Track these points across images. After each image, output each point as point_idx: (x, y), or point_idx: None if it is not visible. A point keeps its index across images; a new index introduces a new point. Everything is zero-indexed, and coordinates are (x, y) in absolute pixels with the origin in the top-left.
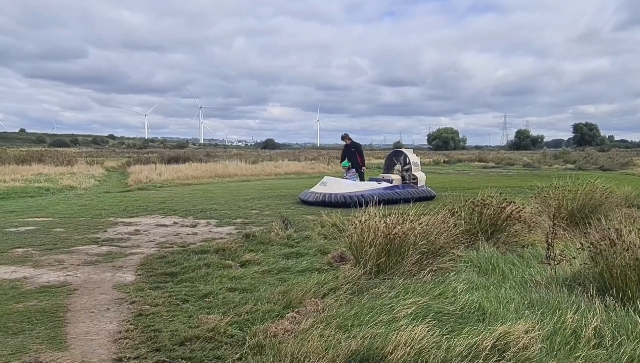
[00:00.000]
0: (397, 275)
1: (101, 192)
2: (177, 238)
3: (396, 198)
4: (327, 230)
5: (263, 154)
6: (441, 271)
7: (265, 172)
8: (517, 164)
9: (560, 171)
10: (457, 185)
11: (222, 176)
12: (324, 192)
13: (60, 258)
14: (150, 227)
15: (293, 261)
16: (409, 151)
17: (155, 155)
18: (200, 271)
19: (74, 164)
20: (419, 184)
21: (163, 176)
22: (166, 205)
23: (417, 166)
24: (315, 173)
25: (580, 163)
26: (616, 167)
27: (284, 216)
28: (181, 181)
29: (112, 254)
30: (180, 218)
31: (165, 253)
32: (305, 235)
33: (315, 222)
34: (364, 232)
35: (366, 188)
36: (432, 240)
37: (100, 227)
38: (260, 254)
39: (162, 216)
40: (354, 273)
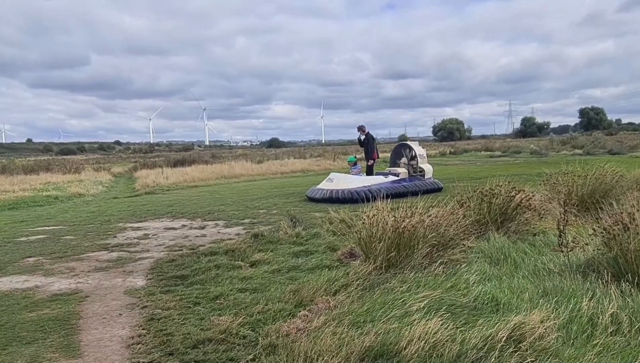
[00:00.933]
0: (407, 269)
1: (109, 198)
2: (186, 241)
3: (403, 191)
4: (335, 226)
5: (268, 153)
6: (452, 263)
7: (271, 171)
8: (524, 151)
9: (568, 156)
10: (464, 175)
11: (229, 177)
12: (330, 188)
13: (71, 266)
14: (159, 231)
15: (303, 259)
16: (415, 144)
17: (162, 159)
18: (210, 273)
19: (81, 171)
20: (425, 177)
21: (170, 179)
22: (174, 208)
23: (423, 159)
24: (321, 170)
25: (588, 147)
26: (625, 150)
27: (291, 215)
28: (188, 184)
29: (122, 259)
30: (188, 221)
31: (175, 256)
32: (314, 233)
33: (324, 219)
34: (372, 227)
35: (373, 182)
36: (442, 232)
37: (109, 233)
38: (270, 253)
39: (170, 219)
40: (364, 268)
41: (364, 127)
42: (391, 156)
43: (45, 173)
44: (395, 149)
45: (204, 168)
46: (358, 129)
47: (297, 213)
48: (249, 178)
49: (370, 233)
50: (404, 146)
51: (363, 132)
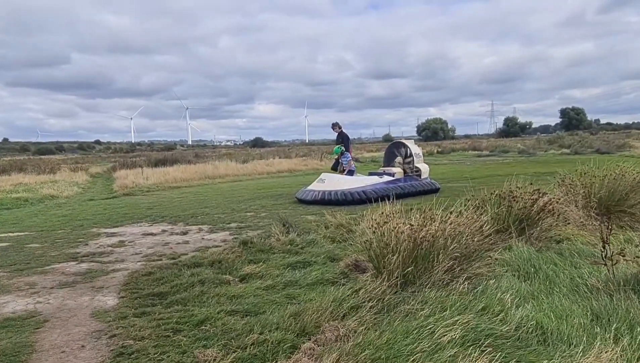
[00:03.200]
0: (427, 286)
1: (84, 200)
2: (166, 249)
3: (399, 192)
4: (332, 231)
5: (253, 152)
6: (477, 278)
7: (257, 171)
8: (512, 151)
9: (557, 156)
10: (457, 175)
11: (213, 177)
12: (322, 190)
13: (32, 281)
14: (137, 237)
15: (300, 272)
16: (410, 143)
17: (142, 158)
18: (193, 290)
19: (57, 171)
20: (422, 177)
21: (150, 180)
22: (154, 211)
23: (419, 158)
24: (309, 170)
25: (576, 147)
26: (613, 149)
27: (283, 219)
28: (169, 185)
29: (92, 272)
30: (169, 225)
31: (153, 268)
32: (310, 239)
33: (318, 223)
34: (383, 236)
35: (367, 183)
36: (465, 242)
37: (81, 240)
38: (262, 265)
39: (149, 223)
40: (377, 286)
41: (338, 124)
42: (385, 155)
43: (17, 173)
44: (390, 148)
45: (186, 168)
46: (333, 127)
47: (288, 216)
48: (234, 178)
49: (382, 243)
50: (399, 144)
51: (338, 129)
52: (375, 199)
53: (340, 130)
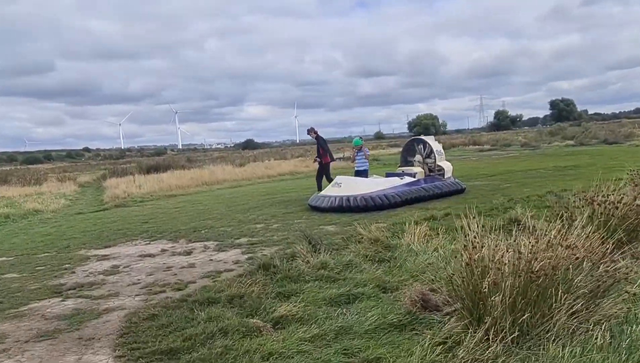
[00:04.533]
0: (548, 338)
1: (72, 214)
2: (169, 276)
3: (423, 195)
4: (366, 248)
5: (246, 155)
6: (610, 322)
7: (257, 174)
8: (514, 144)
9: (563, 148)
10: (473, 173)
11: (210, 184)
12: (339, 195)
13: (2, 331)
14: (133, 260)
15: (350, 312)
16: (430, 138)
17: (133, 165)
18: (214, 345)
19: (43, 182)
20: (445, 176)
21: (143, 188)
22: (150, 226)
23: (441, 155)
24: (310, 172)
25: (580, 138)
26: (621, 139)
27: (308, 234)
28: (165, 193)
29: (79, 313)
30: (169, 243)
31: (157, 307)
32: (346, 261)
33: (344, 237)
34: (476, 267)
35: (388, 186)
36: (589, 271)
37: (66, 266)
38: (296, 300)
39: (146, 241)
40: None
41: (313, 129)
42: (402, 154)
43: (1, 185)
44: (407, 145)
45: (181, 173)
46: (308, 132)
47: (304, 228)
48: (233, 183)
49: (474, 276)
50: (417, 141)
51: (314, 134)
52: (398, 203)
53: (316, 135)
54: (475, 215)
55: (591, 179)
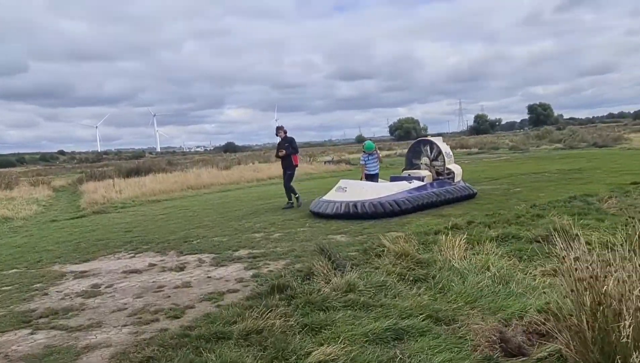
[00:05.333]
0: None
1: (45, 221)
2: (161, 298)
3: (435, 200)
4: (393, 262)
5: (229, 158)
6: None
7: (246, 178)
8: (502, 148)
9: (553, 151)
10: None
11: (196, 188)
12: (345, 200)
13: None
14: (116, 277)
15: (409, 355)
16: (438, 140)
17: (111, 168)
18: None
19: (15, 186)
20: (455, 180)
21: (124, 193)
22: (134, 235)
23: (450, 158)
24: (301, 175)
25: (568, 141)
26: (610, 142)
27: (324, 246)
28: (147, 198)
29: (52, 353)
30: (157, 256)
31: (151, 346)
32: (377, 281)
33: (362, 250)
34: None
35: (397, 190)
36: None
37: (38, 286)
38: (331, 337)
39: (130, 254)
40: None
41: (283, 128)
42: (407, 156)
43: None
44: (413, 146)
45: (164, 177)
46: (277, 130)
47: (310, 237)
48: (221, 187)
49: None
50: (424, 142)
51: (283, 133)
52: (409, 210)
53: (285, 134)
54: (505, 224)
55: (604, 183)
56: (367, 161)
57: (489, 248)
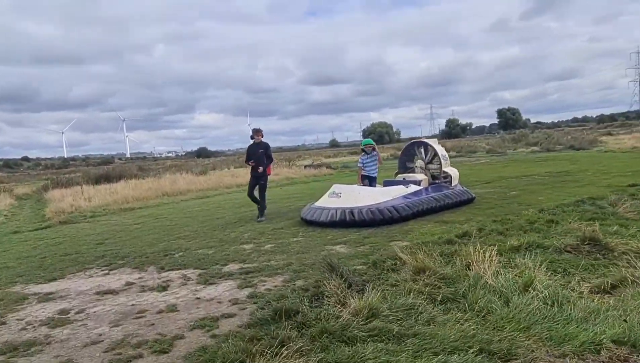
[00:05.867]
0: None
1: (6, 233)
2: (143, 327)
3: (434, 205)
4: (413, 279)
5: (202, 163)
6: None
7: (224, 184)
8: (479, 151)
9: (530, 154)
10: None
11: (172, 194)
12: (340, 207)
13: None
14: (88, 300)
15: None
16: (434, 141)
17: (79, 175)
18: None
19: None
20: (452, 184)
21: (94, 201)
22: (107, 248)
23: (446, 161)
24: (281, 180)
25: (544, 144)
26: (586, 145)
27: (332, 261)
28: (120, 206)
29: None
30: (135, 272)
31: None
32: (405, 304)
33: (370, 263)
34: None
35: (394, 195)
36: None
37: None
38: None
39: (104, 270)
40: None
41: (261, 131)
42: (400, 159)
43: None
44: (406, 149)
45: (137, 184)
46: (255, 133)
47: (307, 248)
48: (199, 194)
49: None
50: (418, 144)
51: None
52: (409, 216)
53: (261, 138)
54: (519, 230)
55: (600, 186)
56: (365, 163)
57: (521, 261)
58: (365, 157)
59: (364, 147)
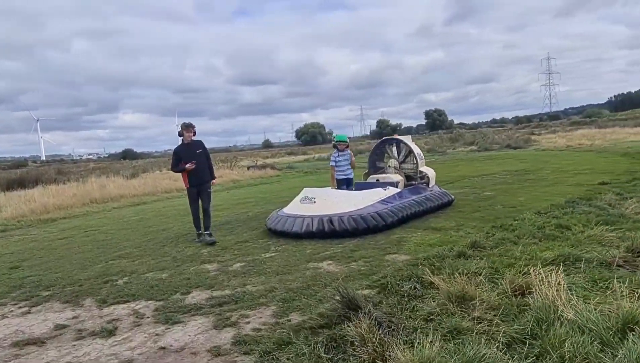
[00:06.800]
0: None
1: None
2: None
3: (417, 210)
4: (450, 308)
5: (129, 165)
6: None
7: (163, 187)
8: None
9: (471, 153)
10: None
11: (102, 201)
12: (317, 214)
13: None
14: (2, 357)
15: None
16: (407, 138)
17: None
18: None
19: None
20: (430, 185)
21: (5, 211)
22: (25, 274)
23: (422, 159)
24: (226, 182)
25: (481, 143)
26: (522, 144)
27: (348, 293)
28: (38, 217)
29: None
30: (66, 308)
31: None
32: (474, 356)
33: (378, 287)
34: None
35: (375, 199)
36: None
37: None
38: None
39: (22, 307)
40: None
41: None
42: (370, 158)
43: None
44: (377, 147)
45: (58, 189)
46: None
47: (289, 267)
48: (135, 200)
49: None
50: (390, 141)
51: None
52: (394, 223)
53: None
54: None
55: (571, 184)
56: (338, 161)
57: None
58: (337, 154)
59: (337, 143)
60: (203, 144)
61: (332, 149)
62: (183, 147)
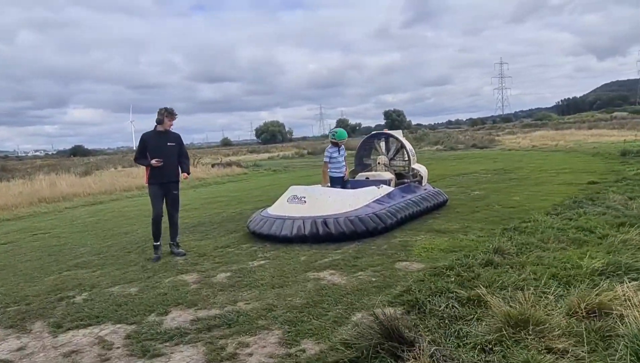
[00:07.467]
0: None
1: None
2: None
3: (414, 210)
4: (500, 335)
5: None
6: None
7: (121, 186)
8: None
9: (438, 152)
10: None
11: (53, 200)
12: (309, 216)
13: None
14: None
15: None
16: (398, 134)
17: None
18: None
19: None
20: (423, 184)
21: None
22: None
23: (414, 156)
24: (193, 180)
25: (446, 143)
26: (487, 144)
27: (400, 327)
28: None
29: None
30: (11, 337)
31: None
32: None
33: (400, 304)
34: None
35: (371, 199)
36: None
37: None
38: None
39: None
40: None
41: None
42: (357, 155)
43: None
44: (364, 143)
45: (1, 187)
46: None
47: (281, 279)
48: (90, 199)
49: None
50: (379, 136)
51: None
52: (393, 225)
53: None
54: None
55: (557, 183)
56: (333, 157)
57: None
58: (333, 149)
59: (339, 141)
60: (180, 139)
61: (293, 149)
62: (153, 134)
